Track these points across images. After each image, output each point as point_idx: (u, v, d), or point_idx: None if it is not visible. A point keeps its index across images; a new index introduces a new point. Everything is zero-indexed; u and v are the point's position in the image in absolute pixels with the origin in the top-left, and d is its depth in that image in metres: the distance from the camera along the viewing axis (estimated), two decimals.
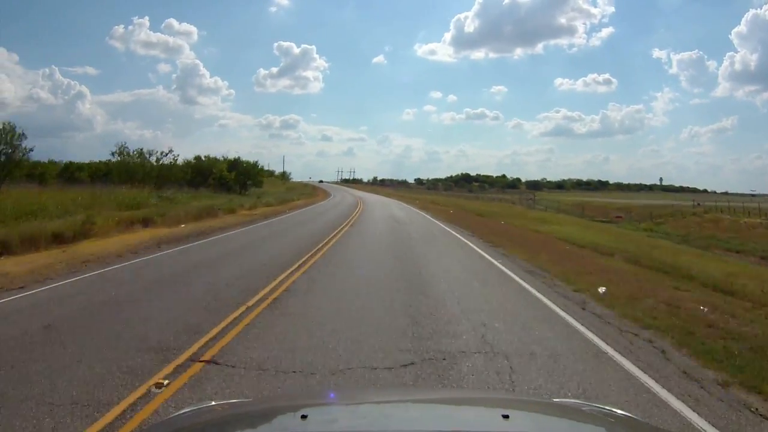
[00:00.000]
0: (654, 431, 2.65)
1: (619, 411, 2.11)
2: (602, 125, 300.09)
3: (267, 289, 8.70)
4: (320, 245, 14.93)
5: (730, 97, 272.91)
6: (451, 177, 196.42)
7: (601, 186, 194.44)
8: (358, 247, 15.52)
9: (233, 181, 48.91)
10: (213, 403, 2.22)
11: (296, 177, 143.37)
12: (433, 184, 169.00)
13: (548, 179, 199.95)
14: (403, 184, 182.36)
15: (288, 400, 2.64)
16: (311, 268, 11.02)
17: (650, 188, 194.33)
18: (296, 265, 11.27)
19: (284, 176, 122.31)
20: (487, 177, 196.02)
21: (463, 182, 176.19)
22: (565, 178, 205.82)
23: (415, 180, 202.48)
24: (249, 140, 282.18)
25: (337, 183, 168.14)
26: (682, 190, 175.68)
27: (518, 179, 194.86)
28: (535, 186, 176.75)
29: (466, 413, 1.92)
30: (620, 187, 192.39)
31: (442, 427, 1.62)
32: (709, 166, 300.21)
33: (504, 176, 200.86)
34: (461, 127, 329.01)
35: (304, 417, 1.63)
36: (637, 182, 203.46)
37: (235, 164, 52.30)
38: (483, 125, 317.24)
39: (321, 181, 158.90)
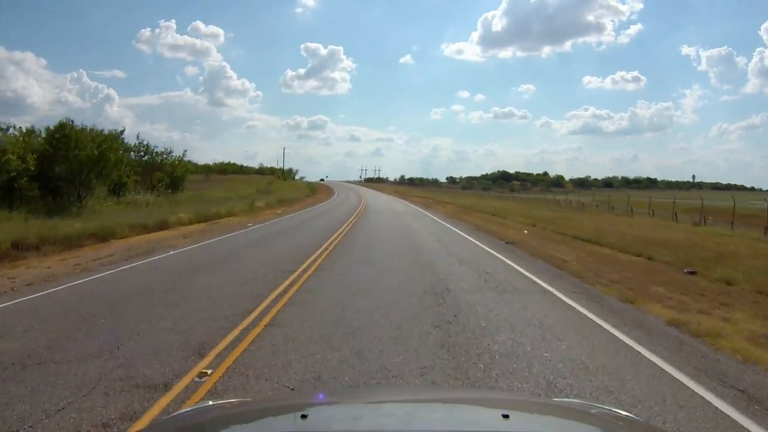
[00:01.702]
0: None
1: (621, 411, 2.13)
2: (631, 123, 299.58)
3: None
4: None
5: (759, 93, 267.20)
6: (487, 175, 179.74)
7: (650, 184, 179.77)
8: None
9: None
10: (210, 403, 2.21)
11: (327, 177, 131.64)
12: (468, 183, 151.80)
13: (593, 177, 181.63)
14: (434, 183, 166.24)
15: (288, 400, 2.66)
16: None
17: (699, 186, 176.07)
18: None
19: (284, 174, 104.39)
20: (528, 175, 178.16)
21: (502, 181, 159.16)
22: (611, 175, 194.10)
23: (447, 179, 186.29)
24: (277, 141, 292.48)
25: (352, 183, 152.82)
26: (719, 187, 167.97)
27: (561, 177, 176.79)
28: (581, 184, 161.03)
29: (466, 413, 1.90)
30: (669, 185, 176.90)
31: (442, 426, 1.61)
32: (738, 163, 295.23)
33: (546, 174, 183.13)
34: (489, 126, 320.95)
35: (304, 417, 1.61)
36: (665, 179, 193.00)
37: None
38: (511, 124, 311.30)
39: (322, 180, 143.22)
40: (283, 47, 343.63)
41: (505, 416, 1.59)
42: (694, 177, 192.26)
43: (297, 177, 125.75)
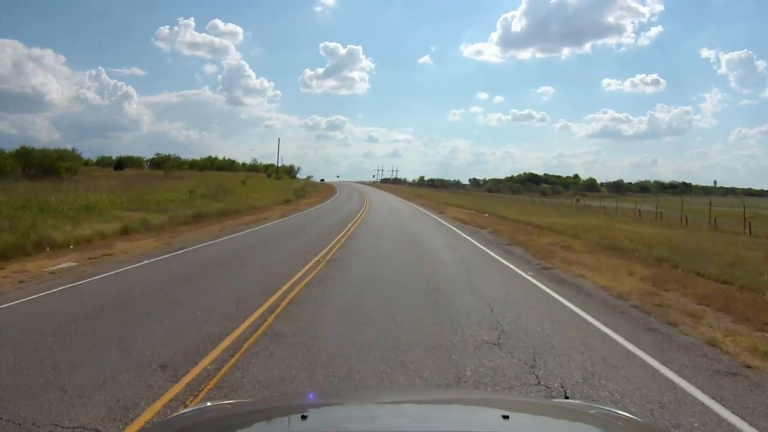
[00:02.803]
0: None
1: (622, 412, 2.15)
2: (650, 126, 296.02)
3: None
4: None
5: None
6: (513, 178, 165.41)
7: (686, 189, 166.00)
8: None
9: None
10: (209, 404, 2.17)
11: (339, 177, 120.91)
12: (495, 186, 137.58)
13: (627, 181, 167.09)
14: (456, 185, 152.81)
15: (288, 401, 2.63)
16: None
17: (734, 192, 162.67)
18: None
19: (277, 172, 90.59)
20: (557, 177, 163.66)
21: (530, 183, 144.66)
22: (648, 179, 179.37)
23: (470, 180, 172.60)
24: (295, 141, 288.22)
25: (366, 183, 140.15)
26: (752, 193, 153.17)
27: (593, 180, 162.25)
28: (616, 188, 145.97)
29: (466, 413, 1.91)
30: (706, 191, 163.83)
31: (442, 427, 1.64)
32: (758, 168, 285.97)
33: (576, 176, 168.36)
34: (508, 128, 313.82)
35: (304, 417, 1.62)
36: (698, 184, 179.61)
37: None
38: (530, 126, 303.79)
39: (323, 180, 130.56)
40: (301, 46, 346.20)
41: (505, 417, 1.61)
42: (715, 182, 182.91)
43: (303, 176, 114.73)
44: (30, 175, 44.25)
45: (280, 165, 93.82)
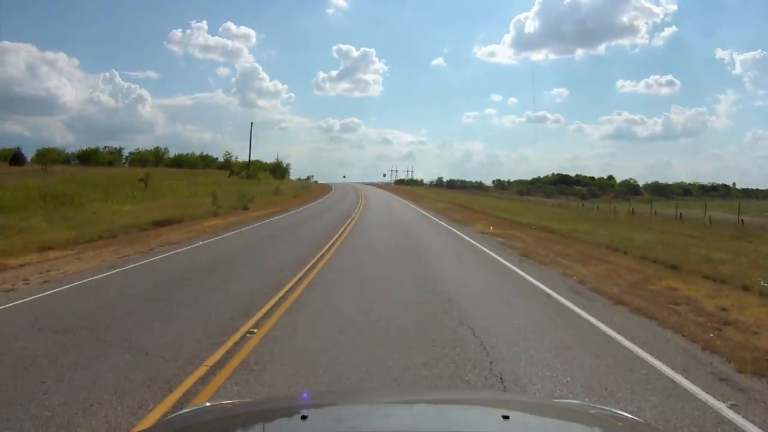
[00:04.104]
0: None
1: (623, 413, 2.13)
2: (664, 128, 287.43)
3: None
4: None
5: None
6: (539, 179, 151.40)
7: (726, 191, 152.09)
8: None
9: None
10: (208, 404, 2.21)
11: (345, 178, 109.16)
12: (524, 188, 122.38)
13: (668, 182, 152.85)
14: (479, 186, 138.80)
15: (288, 401, 2.66)
16: None
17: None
18: None
19: (249, 172, 73.76)
20: (590, 179, 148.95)
21: (561, 185, 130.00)
22: (689, 181, 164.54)
23: (493, 182, 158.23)
24: (309, 143, 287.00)
25: (377, 185, 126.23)
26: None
27: (631, 181, 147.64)
28: (658, 190, 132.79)
29: (466, 413, 1.91)
30: (747, 193, 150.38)
31: (442, 427, 1.64)
32: None
33: (611, 178, 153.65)
34: (522, 130, 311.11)
35: (304, 417, 1.63)
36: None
37: None
38: (544, 128, 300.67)
39: (315, 180, 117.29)
40: (315, 49, 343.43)
41: (505, 417, 1.60)
42: (734, 184, 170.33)
43: (299, 176, 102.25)
44: None
45: (261, 162, 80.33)
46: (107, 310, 8.10)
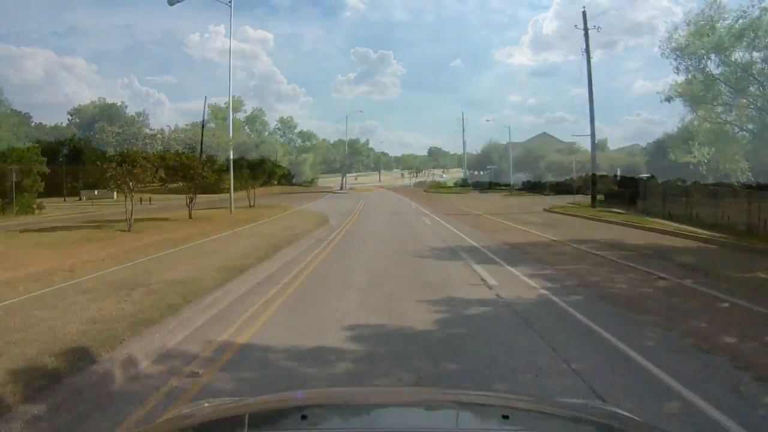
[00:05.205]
0: None
1: (622, 412, 2.13)
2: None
3: None
4: None
5: None
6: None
7: None
8: None
9: None
10: (206, 404, 2.20)
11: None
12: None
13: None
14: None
15: (288, 401, 2.46)
16: None
17: None
18: None
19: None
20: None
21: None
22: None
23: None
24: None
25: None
26: None
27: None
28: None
29: (466, 413, 1.91)
30: None
31: (442, 427, 1.67)
32: None
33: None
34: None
35: (304, 417, 1.65)
36: None
37: None
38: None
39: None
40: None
41: (505, 417, 1.64)
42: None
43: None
44: None
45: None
46: None
